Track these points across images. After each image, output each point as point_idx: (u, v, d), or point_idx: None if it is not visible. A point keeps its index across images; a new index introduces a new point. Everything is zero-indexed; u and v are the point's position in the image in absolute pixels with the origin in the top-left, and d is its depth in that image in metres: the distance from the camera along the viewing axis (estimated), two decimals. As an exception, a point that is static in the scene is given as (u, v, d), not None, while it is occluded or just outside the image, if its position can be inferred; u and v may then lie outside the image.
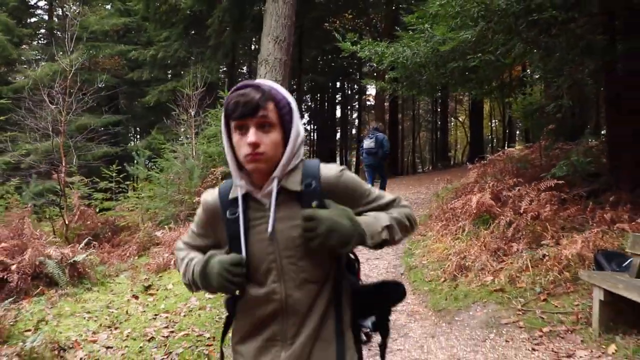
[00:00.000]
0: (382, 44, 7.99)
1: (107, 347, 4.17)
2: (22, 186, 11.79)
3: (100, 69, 21.52)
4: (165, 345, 4.07)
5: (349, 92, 38.55)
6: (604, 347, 3.75)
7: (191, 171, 9.41)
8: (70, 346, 4.12)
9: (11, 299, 4.84)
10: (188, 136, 10.78)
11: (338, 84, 34.91)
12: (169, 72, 23.96)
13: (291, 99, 1.47)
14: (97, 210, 9.93)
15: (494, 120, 36.99)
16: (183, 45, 21.29)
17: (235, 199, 1.45)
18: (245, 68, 31.73)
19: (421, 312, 4.97)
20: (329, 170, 1.49)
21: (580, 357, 3.68)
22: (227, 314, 1.53)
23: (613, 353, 3.64)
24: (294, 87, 24.97)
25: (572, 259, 4.90)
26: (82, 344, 4.22)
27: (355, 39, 8.60)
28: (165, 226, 8.23)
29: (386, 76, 9.56)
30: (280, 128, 1.42)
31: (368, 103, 40.36)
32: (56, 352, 3.93)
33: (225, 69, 25.63)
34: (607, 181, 7.73)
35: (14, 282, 5.57)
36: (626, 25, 6.68)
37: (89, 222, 9.53)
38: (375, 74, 22.10)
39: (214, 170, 9.42)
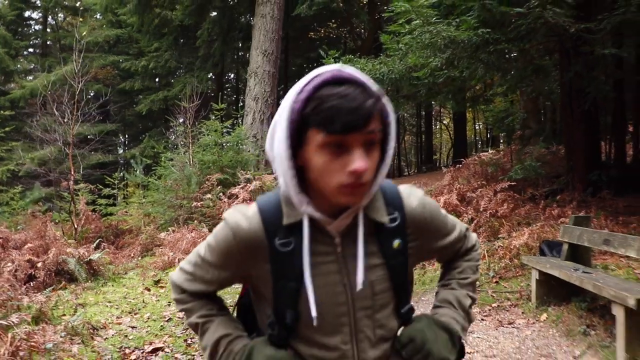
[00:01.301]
0: (361, 61, 8.90)
1: (132, 327, 5.01)
2: (26, 193, 12.56)
3: (93, 79, 22.21)
4: (183, 323, 4.91)
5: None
6: (538, 316, 4.68)
7: (189, 178, 10.23)
8: (101, 327, 4.94)
9: (50, 288, 5.65)
10: (185, 145, 11.58)
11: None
12: (160, 81, 24.68)
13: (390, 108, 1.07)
14: (101, 215, 10.72)
15: (478, 123, 38.03)
16: (173, 55, 22.07)
17: (290, 226, 1.09)
18: (233, 76, 32.51)
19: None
20: (412, 198, 1.20)
21: (519, 323, 4.61)
22: None
23: (544, 320, 4.57)
24: (281, 94, 25.85)
25: (520, 248, 5.84)
26: (110, 325, 5.05)
27: (337, 55, 9.50)
28: (170, 228, 9.02)
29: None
30: (379, 144, 1.05)
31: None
32: (90, 330, 4.76)
33: (214, 77, 26.39)
34: (564, 181, 8.73)
35: (41, 278, 6.39)
36: (573, 50, 7.65)
37: (93, 226, 10.33)
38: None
39: (210, 177, 10.26)
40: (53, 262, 6.64)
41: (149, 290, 6.50)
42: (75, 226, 9.37)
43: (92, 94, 20.38)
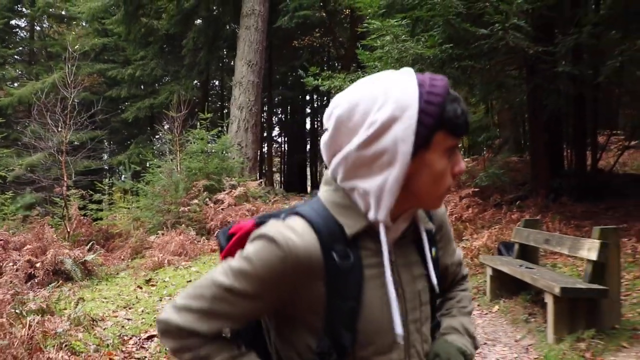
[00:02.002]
0: (339, 77, 9.51)
1: (128, 319, 5.52)
2: (16, 198, 12.96)
3: (81, 86, 22.58)
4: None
5: (318, 103, 40.19)
6: (491, 308, 5.30)
7: (177, 184, 10.75)
8: (100, 319, 5.45)
9: (54, 284, 6.15)
10: (172, 152, 12.08)
11: (308, 96, 36.45)
12: (146, 89, 25.10)
13: None
14: (92, 219, 11.18)
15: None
16: (159, 64, 22.53)
17: (351, 237, 1.00)
18: (218, 83, 33.00)
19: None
20: None
21: (473, 315, 5.21)
22: None
23: (495, 311, 5.19)
24: (265, 101, 26.41)
25: (480, 249, 6.48)
26: (107, 318, 5.56)
27: (317, 71, 10.10)
28: (159, 232, 9.53)
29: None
30: None
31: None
32: (90, 322, 5.27)
33: (199, 85, 26.86)
34: (529, 188, 9.44)
35: (40, 277, 6.87)
36: (533, 67, 8.35)
37: (84, 230, 10.79)
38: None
39: (197, 184, 10.80)
40: (51, 262, 7.13)
41: (141, 288, 7.00)
42: (68, 230, 9.83)
43: (77, 102, 20.70)
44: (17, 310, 4.23)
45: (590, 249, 3.99)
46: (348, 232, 0.99)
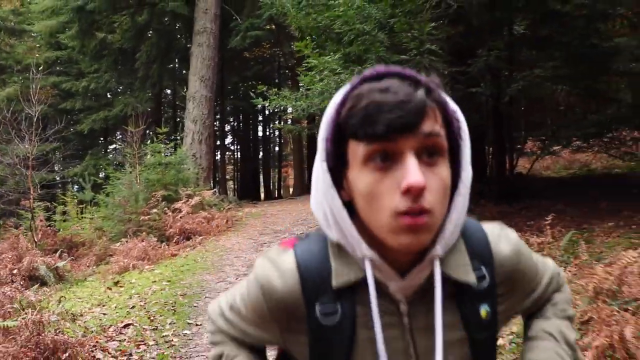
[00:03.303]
0: (286, 95, 10.64)
1: (103, 314, 6.47)
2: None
3: (46, 102, 22.90)
4: (144, 307, 6.44)
5: (269, 111, 41.20)
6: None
7: (137, 195, 11.62)
8: (79, 315, 6.38)
9: (37, 286, 7.02)
10: (132, 165, 12.91)
11: (259, 105, 37.29)
12: (100, 101, 25.53)
13: (455, 105, 0.83)
14: (57, 229, 11.92)
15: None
16: (113, 76, 23.12)
17: (339, 289, 0.84)
18: (170, 92, 33.56)
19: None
20: (504, 243, 0.91)
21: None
22: None
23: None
24: (217, 110, 27.25)
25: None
26: (85, 313, 6.49)
27: (265, 88, 11.19)
28: (122, 239, 10.40)
29: (288, 121, 12.30)
30: (447, 157, 0.79)
31: (289, 122, 43.20)
32: (72, 316, 6.20)
33: (152, 97, 27.48)
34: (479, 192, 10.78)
35: (17, 282, 7.70)
36: (451, 87, 9.73)
37: (49, 240, 11.52)
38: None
39: (155, 194, 11.70)
40: (27, 269, 7.96)
41: (110, 289, 7.91)
42: (35, 240, 10.57)
43: (24, 114, 21.04)
44: (15, 305, 5.16)
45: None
46: (335, 283, 0.83)
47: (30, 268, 8.01)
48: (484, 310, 0.86)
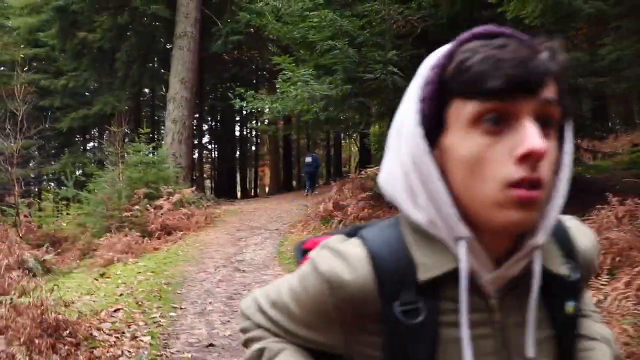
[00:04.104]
0: (263, 97, 11.31)
1: (93, 301, 7.03)
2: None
3: (30, 101, 23.08)
4: (132, 294, 7.02)
5: (247, 111, 41.59)
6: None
7: (119, 192, 12.13)
8: (71, 302, 6.93)
9: (30, 275, 7.53)
10: (114, 163, 13.40)
11: (237, 105, 37.70)
12: (79, 99, 25.76)
13: None
14: (40, 225, 12.36)
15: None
16: (93, 75, 23.40)
17: (424, 283, 0.72)
18: (148, 91, 33.83)
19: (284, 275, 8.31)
20: (584, 236, 0.85)
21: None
22: None
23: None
24: (196, 110, 27.68)
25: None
26: (76, 301, 7.04)
27: (243, 91, 11.83)
28: (106, 234, 10.91)
29: (265, 122, 13.00)
30: (556, 132, 0.70)
31: (266, 122, 43.65)
32: (64, 303, 6.75)
33: (132, 96, 27.78)
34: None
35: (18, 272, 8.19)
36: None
37: (32, 235, 11.96)
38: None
39: (137, 191, 12.22)
40: (16, 261, 8.44)
41: (97, 280, 8.46)
42: (19, 235, 11.01)
43: (12, 112, 21.27)
44: (23, 284, 5.71)
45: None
46: (421, 276, 0.72)
47: (20, 260, 8.50)
48: (570, 305, 0.78)
